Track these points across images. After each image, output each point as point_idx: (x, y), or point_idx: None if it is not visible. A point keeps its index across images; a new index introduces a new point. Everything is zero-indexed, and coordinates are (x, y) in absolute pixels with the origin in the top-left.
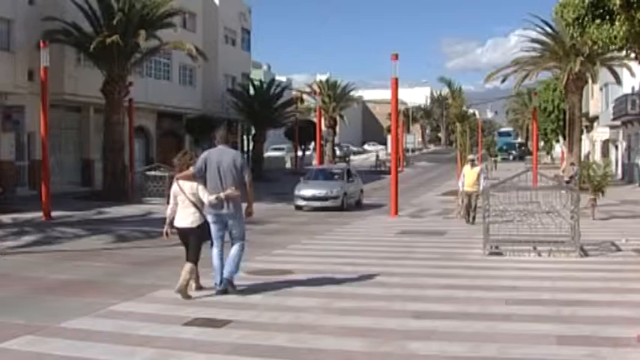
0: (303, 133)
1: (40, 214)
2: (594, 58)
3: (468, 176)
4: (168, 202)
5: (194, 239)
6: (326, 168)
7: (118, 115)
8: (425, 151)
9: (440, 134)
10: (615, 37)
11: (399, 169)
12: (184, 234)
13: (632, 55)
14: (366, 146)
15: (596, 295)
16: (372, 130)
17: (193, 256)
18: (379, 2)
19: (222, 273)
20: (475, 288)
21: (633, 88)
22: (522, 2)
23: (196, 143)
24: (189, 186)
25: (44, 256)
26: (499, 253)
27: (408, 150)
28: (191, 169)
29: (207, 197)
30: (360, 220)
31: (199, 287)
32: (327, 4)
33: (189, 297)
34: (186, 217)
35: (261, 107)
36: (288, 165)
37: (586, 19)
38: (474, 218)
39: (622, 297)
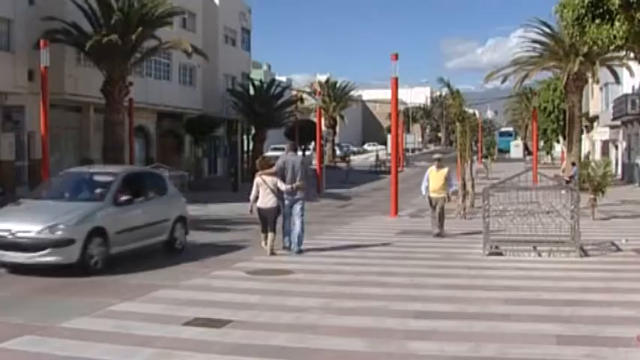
0: (303, 133)
1: None
2: (594, 58)
3: (433, 180)
4: None
5: (272, 216)
6: (83, 172)
7: (118, 115)
8: (425, 151)
9: (440, 134)
10: (615, 37)
11: (399, 168)
12: (266, 212)
13: (632, 54)
14: (366, 146)
15: (596, 295)
16: (372, 130)
17: (273, 227)
18: (379, 2)
19: (289, 236)
20: (475, 288)
21: (633, 88)
22: (522, 2)
23: (196, 143)
24: (270, 180)
25: None
26: (499, 253)
27: (407, 150)
28: (273, 168)
29: (283, 187)
30: (360, 221)
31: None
32: (328, 5)
33: (275, 254)
34: (267, 201)
35: (261, 107)
36: None
37: (586, 18)
38: (441, 226)
39: (622, 297)
